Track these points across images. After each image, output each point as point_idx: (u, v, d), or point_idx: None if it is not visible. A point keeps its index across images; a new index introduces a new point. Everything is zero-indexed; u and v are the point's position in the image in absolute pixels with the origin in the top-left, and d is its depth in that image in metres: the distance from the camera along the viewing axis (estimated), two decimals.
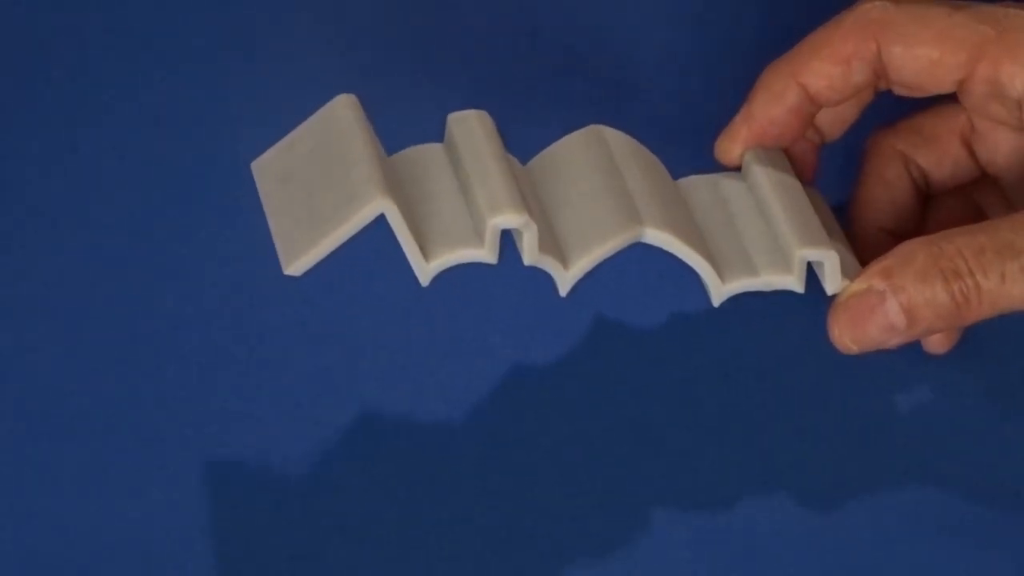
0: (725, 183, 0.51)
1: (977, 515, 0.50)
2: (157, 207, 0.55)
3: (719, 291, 0.49)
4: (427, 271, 0.47)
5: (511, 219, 0.47)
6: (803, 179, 0.52)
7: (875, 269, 0.48)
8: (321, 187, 0.47)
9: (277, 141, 0.49)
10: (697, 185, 0.51)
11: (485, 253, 0.47)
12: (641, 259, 0.50)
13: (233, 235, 0.54)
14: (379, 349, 0.52)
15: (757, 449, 0.51)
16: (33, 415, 0.51)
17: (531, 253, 0.47)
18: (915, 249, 0.48)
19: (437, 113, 0.49)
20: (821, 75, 0.50)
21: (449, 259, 0.47)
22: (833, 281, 0.49)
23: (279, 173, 0.48)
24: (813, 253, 0.49)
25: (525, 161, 0.50)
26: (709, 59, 0.59)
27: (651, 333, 0.53)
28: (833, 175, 0.54)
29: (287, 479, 0.50)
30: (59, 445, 0.50)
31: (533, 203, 0.48)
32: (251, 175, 0.48)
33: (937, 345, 0.52)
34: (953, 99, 0.52)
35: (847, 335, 0.48)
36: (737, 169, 0.51)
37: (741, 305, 0.50)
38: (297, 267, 0.47)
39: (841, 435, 0.51)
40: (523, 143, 0.50)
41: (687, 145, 0.53)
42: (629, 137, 0.51)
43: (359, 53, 0.59)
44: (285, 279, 0.49)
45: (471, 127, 0.48)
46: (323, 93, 0.49)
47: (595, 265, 0.48)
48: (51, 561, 0.48)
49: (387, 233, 0.46)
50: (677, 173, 0.51)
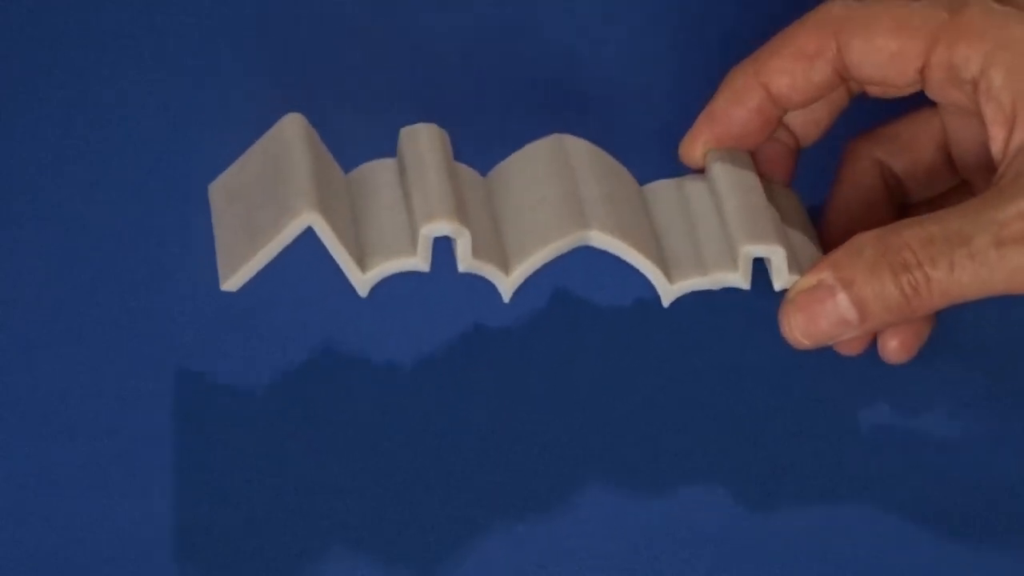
0: (689, 185, 0.51)
1: (977, 516, 0.49)
2: (156, 208, 0.55)
3: (667, 291, 0.49)
4: (363, 281, 0.48)
5: (441, 226, 0.47)
6: (779, 182, 0.52)
7: (825, 263, 0.48)
8: (261, 204, 0.48)
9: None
10: (663, 188, 0.51)
11: (418, 261, 0.48)
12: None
13: None
14: (372, 347, 0.52)
15: (753, 450, 0.50)
16: (33, 415, 0.51)
17: (464, 259, 0.48)
18: (864, 242, 0.47)
19: (396, 128, 0.50)
20: (782, 73, 0.50)
21: (383, 269, 0.48)
22: (780, 277, 0.48)
23: (229, 192, 0.50)
24: (757, 249, 0.48)
25: (486, 172, 0.51)
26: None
27: (638, 331, 0.53)
28: (813, 178, 0.53)
29: (288, 479, 0.50)
30: (59, 445, 0.50)
31: (482, 212, 0.49)
32: None
33: (895, 354, 0.51)
34: (930, 105, 0.51)
35: (797, 329, 0.48)
36: (701, 170, 0.51)
37: (735, 306, 0.51)
38: (233, 283, 0.48)
39: (836, 435, 0.51)
40: (486, 155, 0.51)
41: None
42: (591, 144, 0.51)
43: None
44: (283, 280, 0.49)
45: (419, 140, 0.49)
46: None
47: (535, 269, 0.48)
48: (51, 561, 0.48)
49: None
50: (644, 178, 0.51)
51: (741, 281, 0.49)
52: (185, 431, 0.51)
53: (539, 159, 0.50)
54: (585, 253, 0.50)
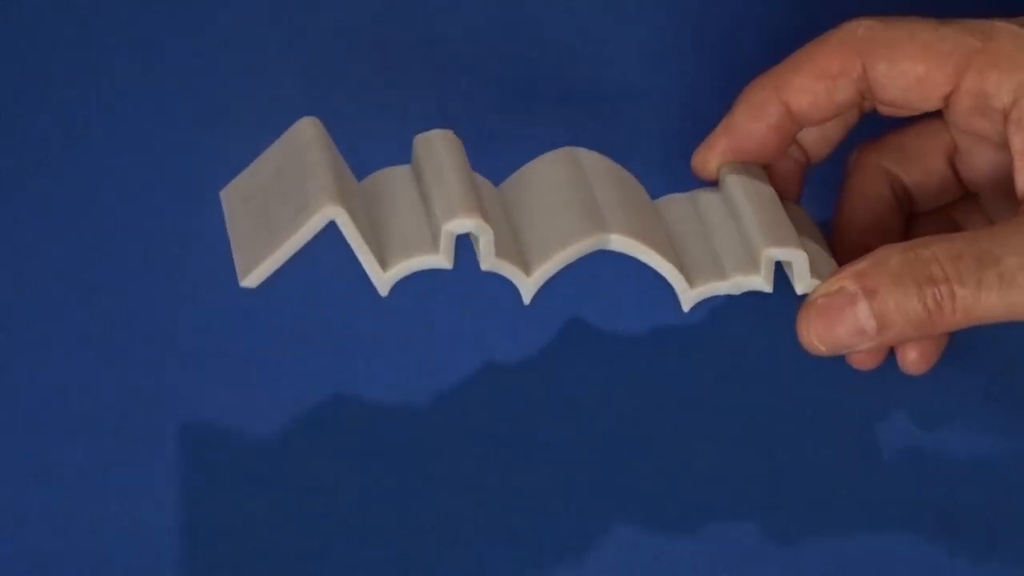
0: (702, 197, 0.51)
1: (978, 516, 0.49)
2: (159, 209, 0.55)
3: (687, 295, 0.49)
4: (384, 280, 0.48)
5: (465, 223, 0.47)
6: (788, 198, 0.52)
7: (849, 271, 0.47)
8: (279, 202, 0.48)
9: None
10: (675, 201, 0.51)
11: (441, 259, 0.47)
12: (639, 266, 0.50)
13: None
14: (372, 349, 0.53)
15: (753, 451, 0.51)
16: (33, 415, 0.50)
17: (487, 258, 0.48)
18: (890, 253, 0.47)
19: (408, 135, 0.50)
20: (804, 92, 0.50)
21: (405, 266, 0.48)
22: (802, 280, 0.48)
23: (243, 195, 0.49)
24: (780, 252, 0.48)
25: (498, 183, 0.51)
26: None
27: (644, 337, 0.53)
28: (819, 190, 0.54)
29: (288, 478, 0.50)
30: (59, 445, 0.50)
31: (500, 217, 0.49)
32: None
33: (914, 365, 0.50)
34: (937, 115, 0.51)
35: (815, 335, 0.47)
36: (714, 183, 0.51)
37: (736, 310, 0.52)
38: (252, 279, 0.47)
39: (837, 437, 0.51)
40: (495, 164, 0.51)
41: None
42: (603, 156, 0.51)
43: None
44: (284, 281, 0.49)
45: (434, 145, 0.49)
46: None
47: (557, 270, 0.48)
48: (52, 561, 0.48)
49: None
50: (650, 184, 0.51)
51: (764, 284, 0.49)
52: (185, 430, 0.50)
53: (553, 168, 0.50)
54: (597, 271, 0.50)
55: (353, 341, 0.53)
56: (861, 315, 0.47)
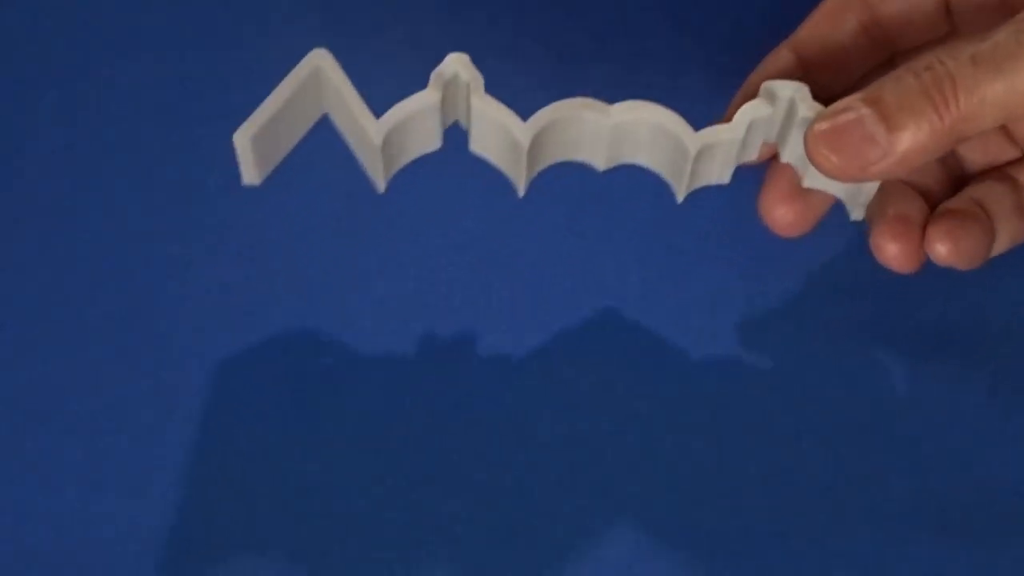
0: None
1: (978, 516, 0.49)
2: (157, 206, 0.55)
3: (692, 140, 0.47)
4: (376, 129, 0.47)
5: (450, 60, 0.47)
6: None
7: (854, 94, 0.46)
8: (285, 114, 0.48)
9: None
10: None
11: (429, 92, 0.47)
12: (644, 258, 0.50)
13: (231, 235, 0.54)
14: (379, 344, 0.53)
15: (754, 448, 0.51)
16: (32, 414, 0.51)
17: (476, 94, 0.47)
18: (891, 73, 0.46)
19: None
20: (812, 37, 0.50)
21: (395, 112, 0.47)
22: (805, 102, 0.47)
23: (255, 127, 0.48)
24: (777, 84, 0.47)
25: None
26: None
27: (646, 335, 0.53)
28: None
29: (288, 476, 0.50)
30: (59, 444, 0.50)
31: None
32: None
33: (901, 261, 0.49)
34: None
35: (824, 145, 0.46)
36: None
37: (736, 309, 0.51)
38: (252, 176, 0.47)
39: (840, 435, 0.51)
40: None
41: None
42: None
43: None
44: (282, 274, 0.49)
45: (448, 65, 0.48)
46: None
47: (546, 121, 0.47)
48: (52, 561, 0.48)
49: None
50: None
51: (765, 106, 0.47)
52: (184, 430, 0.51)
53: (575, 101, 0.49)
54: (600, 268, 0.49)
55: (350, 337, 0.53)
56: (868, 121, 0.45)
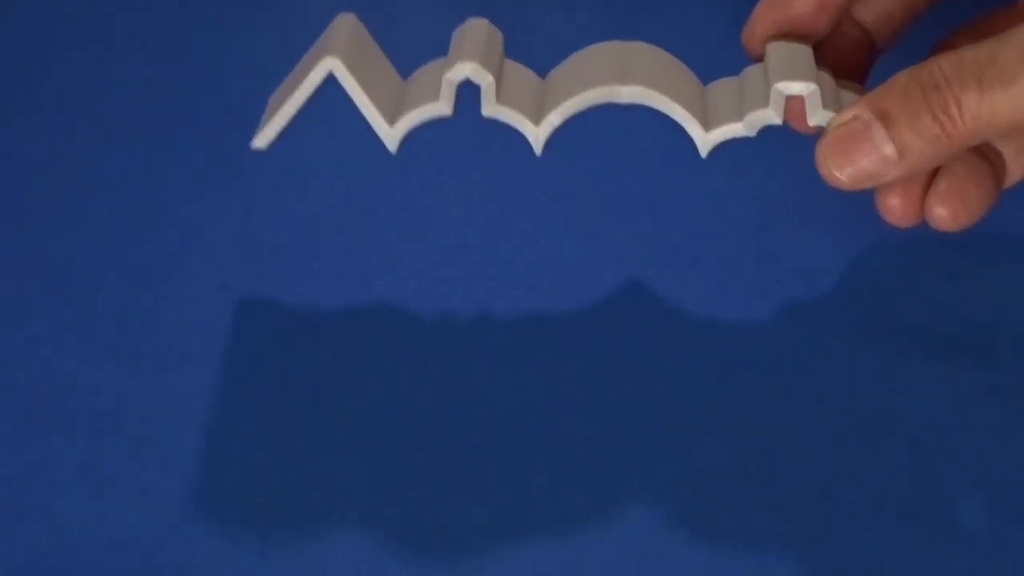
0: (748, 71, 0.51)
1: (978, 515, 0.49)
2: (156, 206, 0.55)
3: (704, 140, 0.49)
4: (391, 135, 0.49)
5: (462, 67, 0.48)
6: (849, 79, 0.51)
7: (862, 99, 0.47)
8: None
9: None
10: (722, 81, 0.51)
11: (441, 106, 0.48)
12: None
13: (233, 234, 0.54)
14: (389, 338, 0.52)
15: (754, 446, 0.50)
16: (32, 413, 0.51)
17: (488, 105, 0.49)
18: (899, 75, 0.47)
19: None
20: None
21: (408, 119, 0.49)
22: (815, 113, 0.48)
23: (279, 94, 0.50)
24: (789, 86, 0.48)
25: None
26: None
27: (648, 330, 0.53)
28: None
29: (288, 476, 0.50)
30: (59, 444, 0.50)
31: (532, 88, 0.49)
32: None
33: (899, 214, 0.50)
34: None
35: (832, 164, 0.47)
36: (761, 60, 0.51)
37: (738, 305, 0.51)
38: (260, 139, 0.49)
39: (842, 434, 0.51)
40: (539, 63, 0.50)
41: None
42: (653, 45, 0.51)
43: None
44: (286, 276, 0.49)
45: (465, 29, 0.50)
46: None
47: (562, 120, 0.49)
48: (52, 561, 0.48)
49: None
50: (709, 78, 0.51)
51: (774, 116, 0.48)
52: (184, 430, 0.51)
53: (595, 48, 0.50)
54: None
55: (354, 338, 0.53)
56: (877, 139, 0.46)
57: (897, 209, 0.50)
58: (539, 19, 0.60)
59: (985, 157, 0.50)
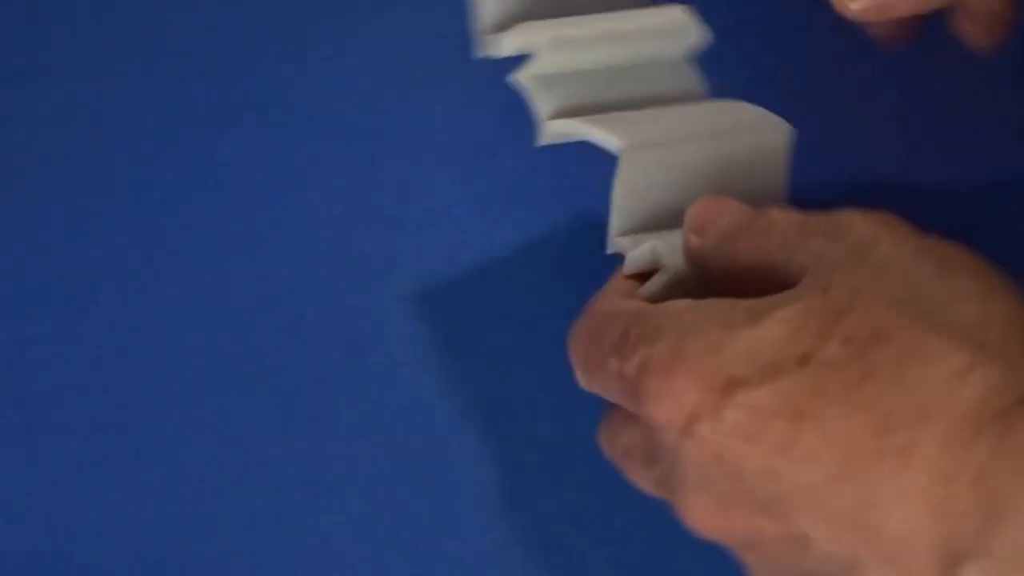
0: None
1: None
2: (156, 205, 0.55)
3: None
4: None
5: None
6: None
7: None
8: None
9: None
10: None
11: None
12: None
13: (233, 234, 0.54)
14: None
15: None
16: (32, 413, 0.51)
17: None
18: None
19: None
20: None
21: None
22: None
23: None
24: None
25: None
26: None
27: None
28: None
29: (288, 476, 0.50)
30: (59, 444, 0.50)
31: None
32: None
33: (889, 35, 0.50)
34: None
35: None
36: None
37: None
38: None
39: None
40: None
41: None
42: None
43: None
44: (283, 277, 0.49)
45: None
46: None
47: None
48: (52, 560, 0.48)
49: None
50: None
51: None
52: (185, 430, 0.51)
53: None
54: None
55: (354, 337, 0.52)
56: None
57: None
58: None
59: None
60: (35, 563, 0.48)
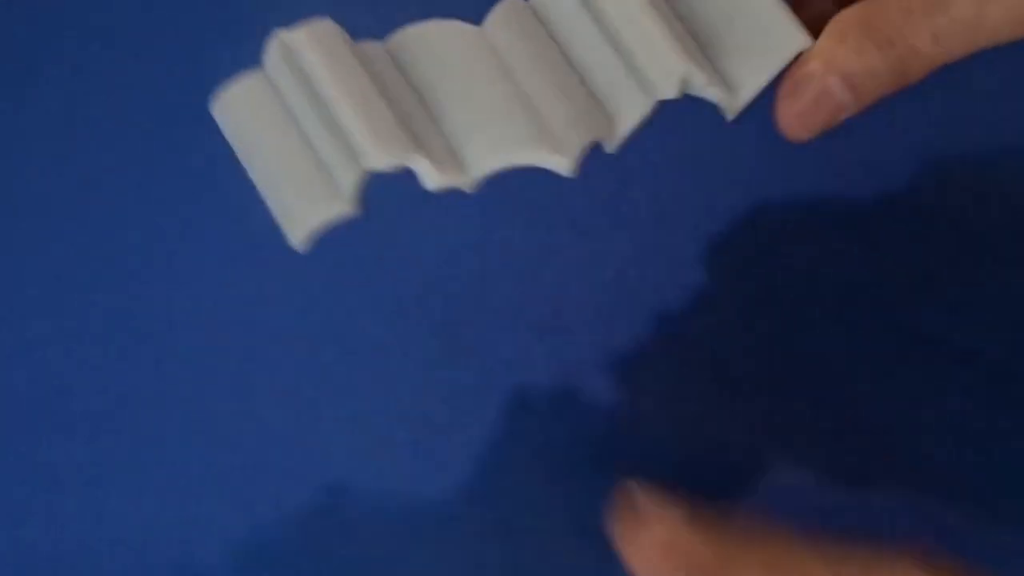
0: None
1: (978, 514, 0.50)
2: (155, 205, 0.55)
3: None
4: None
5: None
6: None
7: (811, 54, 0.45)
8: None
9: None
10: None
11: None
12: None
13: (233, 233, 0.54)
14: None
15: (754, 447, 0.50)
16: (32, 413, 0.51)
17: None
18: (847, 24, 0.45)
19: None
20: None
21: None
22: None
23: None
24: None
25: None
26: None
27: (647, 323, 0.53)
28: None
29: (289, 475, 0.50)
30: (59, 444, 0.50)
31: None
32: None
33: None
34: None
35: (793, 117, 0.45)
36: None
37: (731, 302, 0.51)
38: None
39: (841, 435, 0.51)
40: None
41: None
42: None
43: None
44: (284, 279, 0.49)
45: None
46: None
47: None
48: (52, 560, 0.48)
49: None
50: None
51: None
52: (184, 429, 0.51)
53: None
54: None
55: (354, 337, 0.53)
56: (836, 92, 0.45)
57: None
58: None
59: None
60: (35, 563, 0.48)
